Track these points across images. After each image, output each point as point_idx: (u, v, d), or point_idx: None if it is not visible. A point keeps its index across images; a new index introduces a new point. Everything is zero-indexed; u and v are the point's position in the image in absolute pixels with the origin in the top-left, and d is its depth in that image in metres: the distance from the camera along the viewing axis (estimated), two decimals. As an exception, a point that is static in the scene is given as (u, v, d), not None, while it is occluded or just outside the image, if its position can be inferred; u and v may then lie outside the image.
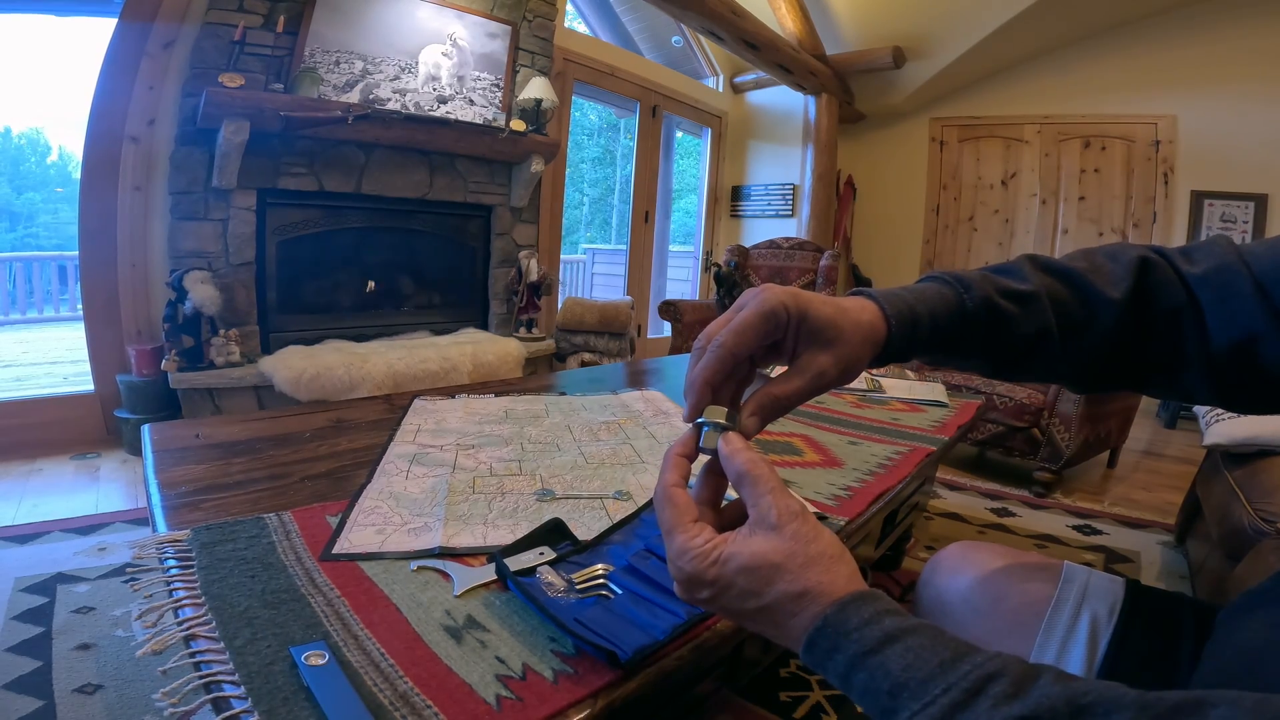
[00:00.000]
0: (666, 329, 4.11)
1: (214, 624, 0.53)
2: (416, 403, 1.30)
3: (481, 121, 3.26)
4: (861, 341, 0.45)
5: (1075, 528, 2.15)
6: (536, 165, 3.46)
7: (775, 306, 0.43)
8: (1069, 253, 0.53)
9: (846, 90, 5.03)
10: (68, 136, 11.14)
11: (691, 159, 7.37)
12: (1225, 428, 1.70)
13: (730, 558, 0.39)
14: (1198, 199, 4.23)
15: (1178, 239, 4.30)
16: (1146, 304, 0.49)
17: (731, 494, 0.44)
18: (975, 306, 0.48)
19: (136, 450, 2.46)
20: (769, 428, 1.28)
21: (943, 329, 0.48)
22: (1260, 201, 4.05)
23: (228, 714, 0.44)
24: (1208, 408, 2.25)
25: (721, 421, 0.43)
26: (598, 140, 10.52)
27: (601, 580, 0.62)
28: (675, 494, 0.43)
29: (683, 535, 0.41)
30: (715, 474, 0.45)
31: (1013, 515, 2.24)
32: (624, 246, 5.13)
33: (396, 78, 2.98)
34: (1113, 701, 0.27)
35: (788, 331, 0.44)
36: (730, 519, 0.44)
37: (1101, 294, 0.49)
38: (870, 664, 0.33)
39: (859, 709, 0.33)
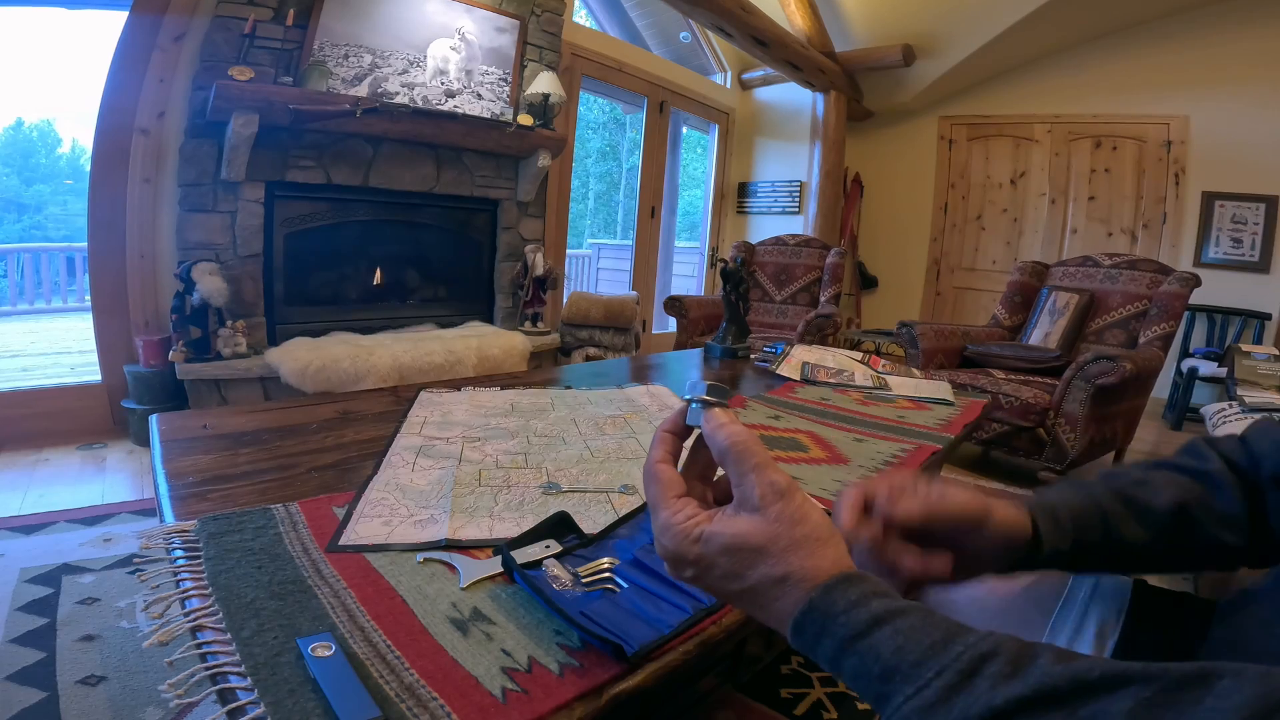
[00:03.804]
0: (671, 324, 4.11)
1: (220, 615, 0.53)
2: (422, 395, 1.30)
3: (489, 116, 3.25)
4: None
5: (1081, 529, 2.14)
6: (543, 160, 3.46)
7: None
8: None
9: (855, 88, 5.00)
10: (78, 129, 11.21)
11: (698, 155, 7.35)
12: (1232, 430, 1.70)
13: (712, 537, 0.38)
14: (1209, 200, 4.20)
15: (1188, 240, 4.28)
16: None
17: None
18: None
19: (143, 441, 2.47)
20: (774, 423, 1.27)
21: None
22: (1271, 203, 4.02)
23: (234, 705, 0.44)
24: (1215, 409, 2.23)
25: (708, 397, 0.42)
26: (602, 135, 10.49)
27: (607, 574, 0.62)
28: (660, 469, 0.42)
29: (665, 511, 0.40)
30: (704, 449, 0.44)
31: (1018, 515, 2.23)
32: (629, 241, 5.12)
33: (405, 71, 2.98)
34: (1117, 677, 0.26)
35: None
36: (724, 492, 0.43)
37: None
38: (859, 648, 0.32)
39: (859, 704, 0.33)
